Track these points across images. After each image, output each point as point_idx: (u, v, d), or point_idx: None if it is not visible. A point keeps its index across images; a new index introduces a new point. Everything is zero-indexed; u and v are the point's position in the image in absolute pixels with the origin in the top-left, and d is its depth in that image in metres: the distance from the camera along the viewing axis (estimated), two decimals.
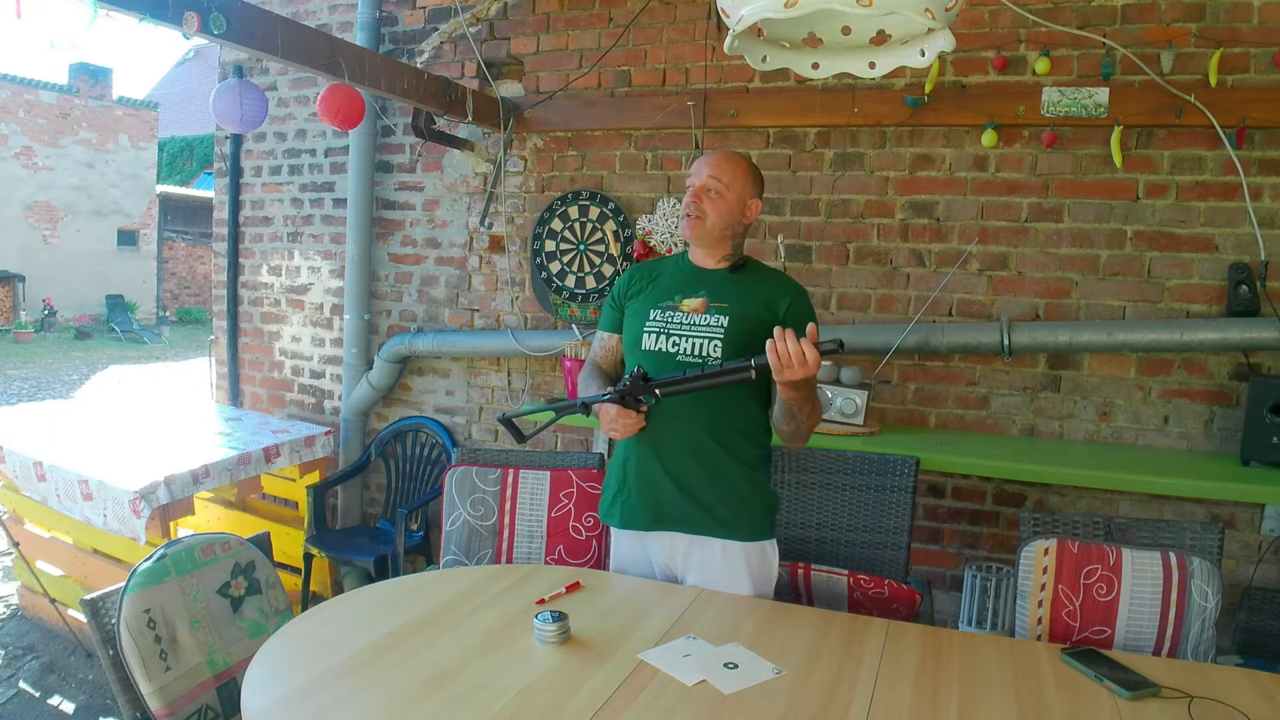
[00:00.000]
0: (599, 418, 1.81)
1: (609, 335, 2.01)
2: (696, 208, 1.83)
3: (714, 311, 1.83)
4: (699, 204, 1.83)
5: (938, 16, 1.44)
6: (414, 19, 3.67)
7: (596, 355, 2.03)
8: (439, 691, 1.37)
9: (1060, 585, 1.82)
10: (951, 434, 2.89)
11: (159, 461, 3.08)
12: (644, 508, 1.87)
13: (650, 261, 2.07)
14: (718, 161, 1.85)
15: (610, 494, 1.95)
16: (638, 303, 1.93)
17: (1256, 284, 2.56)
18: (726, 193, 1.83)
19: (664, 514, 1.85)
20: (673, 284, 1.91)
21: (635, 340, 1.88)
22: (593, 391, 1.85)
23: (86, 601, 1.56)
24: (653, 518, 1.86)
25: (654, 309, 1.88)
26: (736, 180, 1.84)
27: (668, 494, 1.83)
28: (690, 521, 1.84)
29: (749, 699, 1.38)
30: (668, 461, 1.83)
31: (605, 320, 2.02)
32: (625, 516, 1.90)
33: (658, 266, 1.99)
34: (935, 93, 2.82)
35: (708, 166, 1.85)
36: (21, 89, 14.37)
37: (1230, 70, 2.55)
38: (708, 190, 1.83)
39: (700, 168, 1.86)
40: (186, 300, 17.90)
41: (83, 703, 2.92)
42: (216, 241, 4.34)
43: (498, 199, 3.56)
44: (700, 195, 1.84)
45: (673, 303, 1.87)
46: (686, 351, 1.81)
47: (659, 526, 1.87)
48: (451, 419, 3.74)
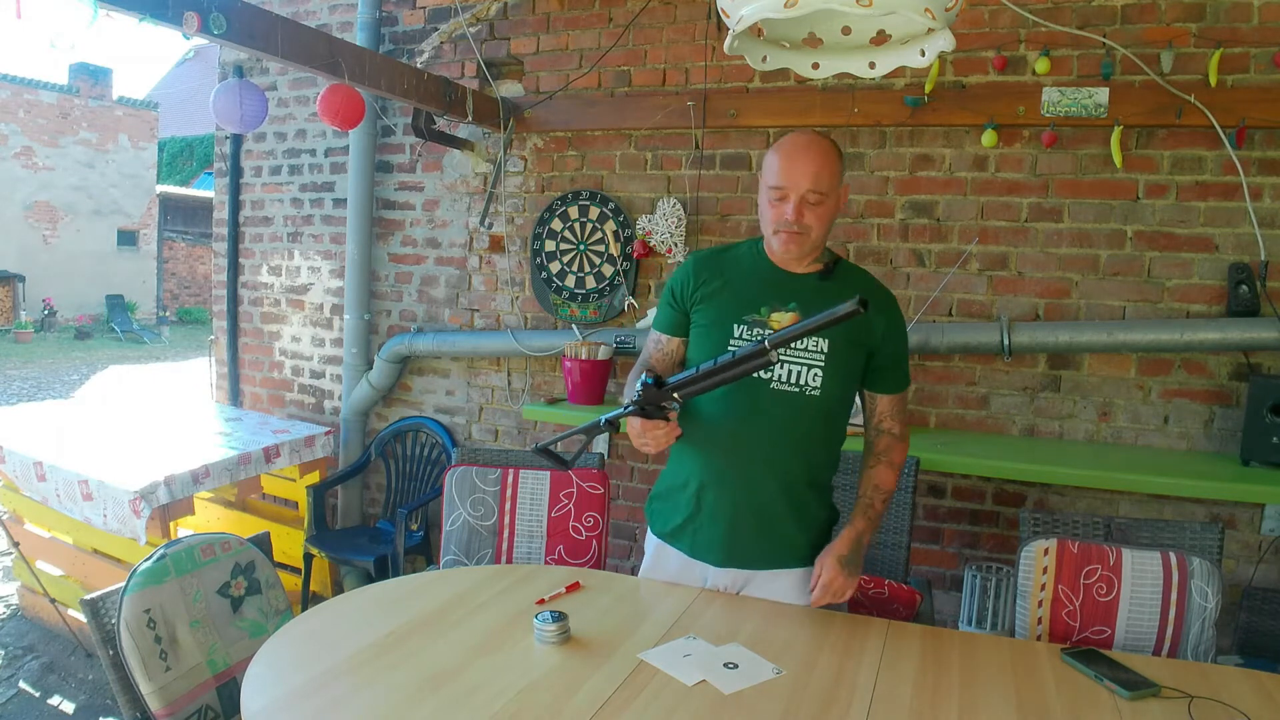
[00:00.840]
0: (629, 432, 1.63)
1: (667, 339, 1.79)
2: (800, 224, 1.59)
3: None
4: (801, 218, 1.59)
5: (938, 16, 1.44)
6: (414, 19, 3.67)
7: (650, 358, 1.82)
8: (439, 691, 1.37)
9: (1060, 585, 1.82)
10: (951, 434, 2.89)
11: (159, 461, 3.08)
12: (718, 546, 1.73)
13: (715, 251, 1.80)
14: (817, 166, 1.58)
15: (676, 516, 1.78)
16: (711, 310, 1.71)
17: (1256, 284, 2.56)
18: (827, 198, 1.61)
19: (738, 552, 1.73)
20: (754, 289, 1.69)
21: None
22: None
23: (86, 601, 1.56)
24: (725, 557, 1.74)
25: (737, 323, 1.67)
26: (835, 177, 1.61)
27: (745, 532, 1.71)
28: (761, 557, 1.73)
29: (749, 699, 1.38)
30: (745, 496, 1.69)
31: (663, 320, 1.80)
32: (696, 548, 1.76)
33: (727, 259, 1.76)
34: (935, 93, 2.82)
35: (807, 176, 1.58)
36: (21, 89, 14.38)
37: (1230, 70, 2.55)
38: (808, 201, 1.59)
39: (794, 176, 1.58)
40: (186, 300, 17.91)
41: (83, 703, 2.92)
42: (216, 241, 4.34)
43: (498, 199, 3.56)
44: (801, 208, 1.59)
45: (759, 317, 1.66)
46: (781, 380, 1.63)
47: (729, 565, 1.75)
48: (451, 419, 3.74)
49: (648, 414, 1.55)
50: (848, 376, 1.70)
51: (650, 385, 1.52)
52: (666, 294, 1.80)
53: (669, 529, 1.81)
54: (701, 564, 1.78)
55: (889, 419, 1.79)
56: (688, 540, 1.78)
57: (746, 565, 1.76)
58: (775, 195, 1.62)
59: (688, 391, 1.50)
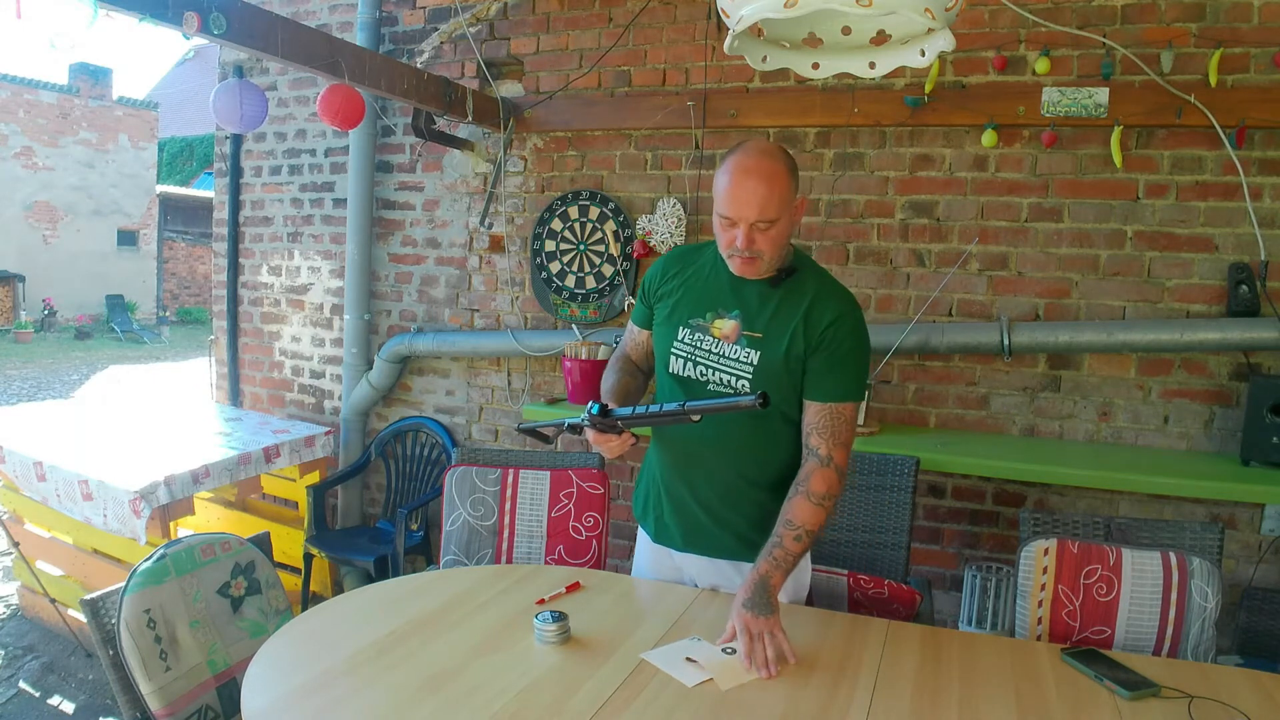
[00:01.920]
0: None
1: (638, 330, 1.89)
2: (750, 250, 1.59)
3: (746, 342, 1.66)
4: (753, 244, 1.58)
5: (938, 16, 1.44)
6: (414, 19, 3.67)
7: (626, 347, 1.93)
8: (439, 691, 1.37)
9: (1060, 585, 1.82)
10: (951, 434, 2.89)
11: (159, 461, 3.08)
12: (676, 529, 1.81)
13: (685, 250, 1.84)
14: (762, 195, 1.55)
15: (645, 500, 1.89)
16: (666, 308, 1.78)
17: (1256, 284, 2.56)
18: (778, 221, 1.58)
19: (694, 539, 1.80)
20: (706, 293, 1.73)
21: (664, 358, 1.76)
22: (606, 384, 1.81)
23: (86, 601, 1.56)
24: (684, 540, 1.81)
25: (683, 326, 1.73)
26: (785, 201, 1.58)
27: (699, 520, 1.77)
28: (721, 547, 1.78)
29: (749, 699, 1.38)
30: (698, 490, 1.76)
31: (635, 313, 1.90)
32: (659, 532, 1.85)
33: (693, 258, 1.79)
34: (935, 93, 2.82)
35: (752, 208, 1.55)
36: (21, 89, 14.38)
37: (1230, 70, 2.55)
38: (758, 228, 1.57)
39: (741, 208, 1.56)
40: (186, 300, 17.91)
41: (83, 703, 2.92)
42: (216, 241, 4.34)
43: (498, 199, 3.56)
44: (752, 235, 1.58)
45: (704, 322, 1.71)
46: (717, 384, 1.69)
47: (690, 549, 1.81)
48: (451, 419, 3.74)
49: (599, 429, 1.62)
50: (780, 386, 1.65)
51: (595, 414, 1.61)
52: (640, 288, 1.88)
53: (639, 510, 1.92)
54: (667, 549, 1.86)
55: (815, 434, 1.64)
56: (652, 524, 1.88)
57: (705, 552, 1.80)
58: (725, 223, 1.60)
59: (630, 423, 1.60)
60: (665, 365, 1.76)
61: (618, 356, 1.94)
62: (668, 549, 1.85)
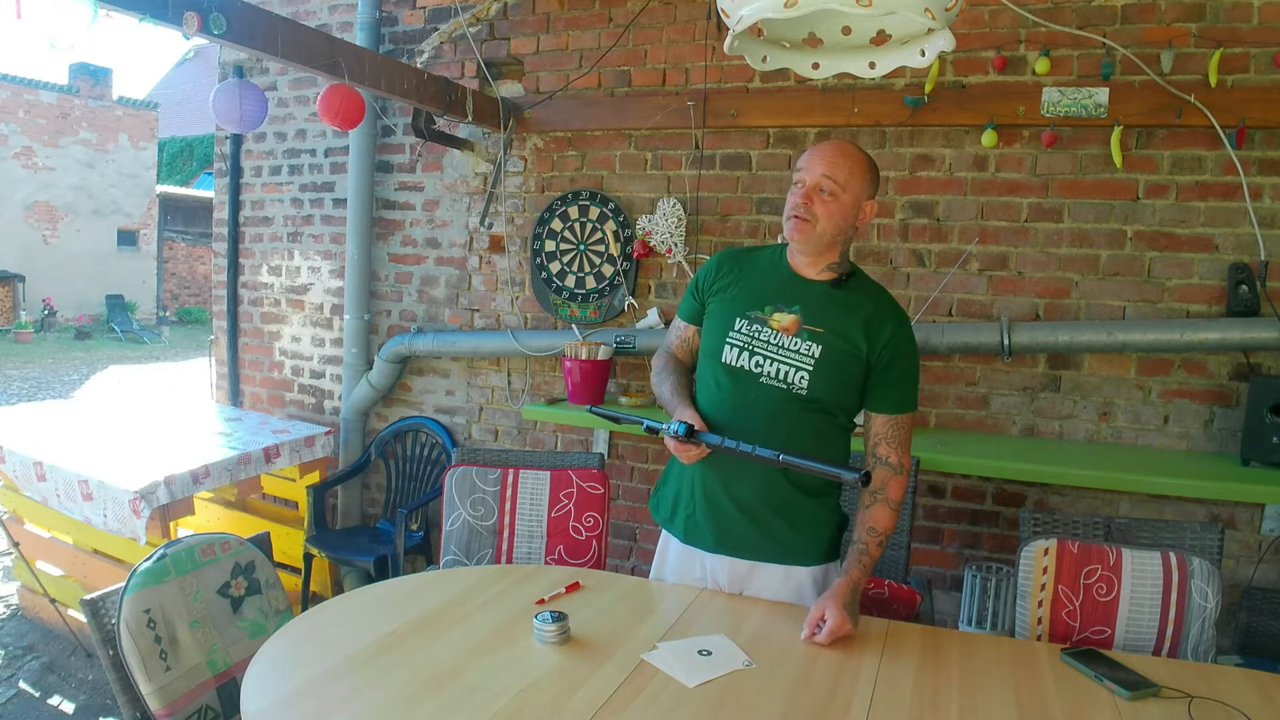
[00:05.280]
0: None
1: (686, 326, 1.88)
2: (806, 209, 1.63)
3: (807, 335, 1.67)
4: (809, 205, 1.63)
5: (938, 16, 1.44)
6: (414, 19, 3.67)
7: (673, 344, 1.91)
8: (439, 691, 1.37)
9: (1060, 585, 1.82)
10: (951, 434, 2.89)
11: (159, 461, 3.08)
12: (709, 529, 1.78)
13: (741, 250, 1.87)
14: (833, 156, 1.63)
15: (672, 502, 1.85)
16: (722, 301, 1.77)
17: (1256, 284, 2.56)
18: (841, 194, 1.63)
19: (727, 539, 1.77)
20: (764, 288, 1.74)
21: (715, 349, 1.74)
22: (666, 387, 1.82)
23: (86, 601, 1.56)
24: (715, 541, 1.78)
25: (740, 317, 1.73)
26: (854, 179, 1.64)
27: (734, 520, 1.75)
28: (754, 549, 1.76)
29: (749, 699, 1.38)
30: (735, 489, 1.74)
31: (684, 309, 1.88)
32: (689, 532, 1.82)
33: (750, 258, 1.82)
34: (935, 93, 2.82)
35: (821, 163, 1.63)
36: (21, 89, 14.38)
37: (1230, 70, 2.55)
38: (820, 190, 1.63)
39: (812, 163, 1.64)
40: (186, 300, 17.91)
41: (83, 703, 2.92)
42: (216, 241, 4.34)
43: (498, 199, 3.56)
44: (811, 196, 1.63)
45: (762, 314, 1.71)
46: (770, 375, 1.68)
47: (721, 550, 1.78)
48: (451, 419, 3.74)
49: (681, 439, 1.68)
50: (841, 383, 1.68)
51: (681, 435, 1.66)
52: (691, 284, 1.87)
53: (665, 514, 1.88)
54: (698, 551, 1.82)
55: (885, 444, 1.72)
56: (681, 525, 1.83)
57: (737, 554, 1.78)
58: (794, 183, 1.68)
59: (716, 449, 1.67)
60: (717, 355, 1.74)
61: (667, 356, 1.91)
62: (697, 550, 1.82)
